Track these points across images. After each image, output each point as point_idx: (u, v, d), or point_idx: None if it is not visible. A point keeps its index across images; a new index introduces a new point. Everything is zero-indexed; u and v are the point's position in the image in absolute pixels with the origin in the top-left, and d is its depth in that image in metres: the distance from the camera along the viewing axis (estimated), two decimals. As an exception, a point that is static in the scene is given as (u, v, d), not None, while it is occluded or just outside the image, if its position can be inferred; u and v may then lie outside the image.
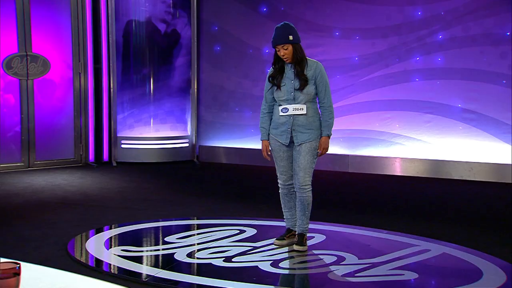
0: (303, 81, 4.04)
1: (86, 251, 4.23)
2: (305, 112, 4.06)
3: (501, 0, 7.28)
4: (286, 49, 4.03)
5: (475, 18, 7.41)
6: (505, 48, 7.27)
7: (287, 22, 4.13)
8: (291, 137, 4.11)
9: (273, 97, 4.17)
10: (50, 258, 4.02)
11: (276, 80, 4.12)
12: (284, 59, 4.08)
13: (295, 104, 4.07)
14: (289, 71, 4.11)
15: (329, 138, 4.13)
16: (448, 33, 7.57)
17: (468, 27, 7.46)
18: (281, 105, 4.12)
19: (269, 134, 4.23)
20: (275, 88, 4.12)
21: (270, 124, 4.22)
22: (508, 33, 7.24)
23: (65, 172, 7.76)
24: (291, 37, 4.03)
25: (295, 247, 4.16)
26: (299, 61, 4.06)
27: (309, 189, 4.11)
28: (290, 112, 4.08)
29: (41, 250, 4.21)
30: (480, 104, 7.44)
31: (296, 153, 4.11)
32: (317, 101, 4.16)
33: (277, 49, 4.07)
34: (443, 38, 7.61)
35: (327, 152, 4.17)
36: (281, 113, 4.11)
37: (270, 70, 4.21)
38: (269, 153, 4.24)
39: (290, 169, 4.19)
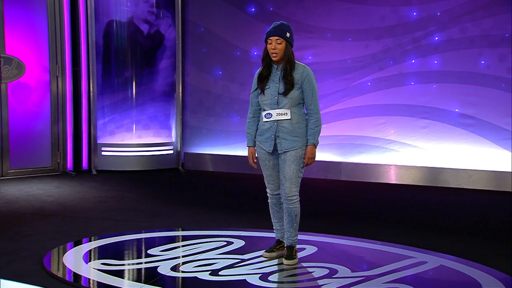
0: (288, 85, 4.03)
1: (64, 265, 4.20)
2: (290, 118, 4.06)
3: (499, 1, 7.35)
4: (279, 44, 4.02)
5: (473, 19, 7.48)
6: (504, 50, 7.33)
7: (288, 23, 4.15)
8: (275, 144, 4.11)
9: (258, 100, 4.17)
10: (25, 273, 3.99)
11: (262, 82, 4.11)
12: (273, 55, 4.05)
13: (278, 109, 4.07)
14: (275, 73, 4.11)
15: (315, 147, 4.10)
16: (445, 34, 7.64)
17: (466, 28, 7.52)
18: (264, 109, 4.13)
19: (255, 140, 4.24)
20: (260, 91, 4.13)
21: (257, 130, 4.23)
22: (507, 35, 7.31)
23: (41, 181, 7.71)
24: (288, 34, 4.05)
25: (285, 261, 4.16)
26: (288, 62, 4.05)
27: (296, 200, 4.11)
28: (274, 117, 4.08)
29: (15, 265, 4.17)
30: (478, 108, 7.50)
31: (281, 162, 4.11)
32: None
33: (269, 41, 4.07)
34: (439, 39, 7.68)
35: (316, 160, 4.16)
36: (264, 119, 4.12)
37: (260, 69, 4.19)
38: (255, 160, 4.24)
39: (277, 178, 4.19)
